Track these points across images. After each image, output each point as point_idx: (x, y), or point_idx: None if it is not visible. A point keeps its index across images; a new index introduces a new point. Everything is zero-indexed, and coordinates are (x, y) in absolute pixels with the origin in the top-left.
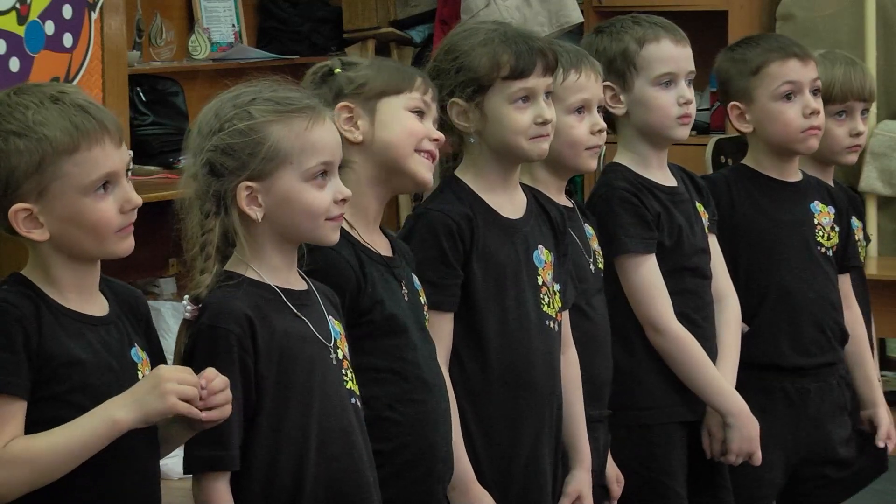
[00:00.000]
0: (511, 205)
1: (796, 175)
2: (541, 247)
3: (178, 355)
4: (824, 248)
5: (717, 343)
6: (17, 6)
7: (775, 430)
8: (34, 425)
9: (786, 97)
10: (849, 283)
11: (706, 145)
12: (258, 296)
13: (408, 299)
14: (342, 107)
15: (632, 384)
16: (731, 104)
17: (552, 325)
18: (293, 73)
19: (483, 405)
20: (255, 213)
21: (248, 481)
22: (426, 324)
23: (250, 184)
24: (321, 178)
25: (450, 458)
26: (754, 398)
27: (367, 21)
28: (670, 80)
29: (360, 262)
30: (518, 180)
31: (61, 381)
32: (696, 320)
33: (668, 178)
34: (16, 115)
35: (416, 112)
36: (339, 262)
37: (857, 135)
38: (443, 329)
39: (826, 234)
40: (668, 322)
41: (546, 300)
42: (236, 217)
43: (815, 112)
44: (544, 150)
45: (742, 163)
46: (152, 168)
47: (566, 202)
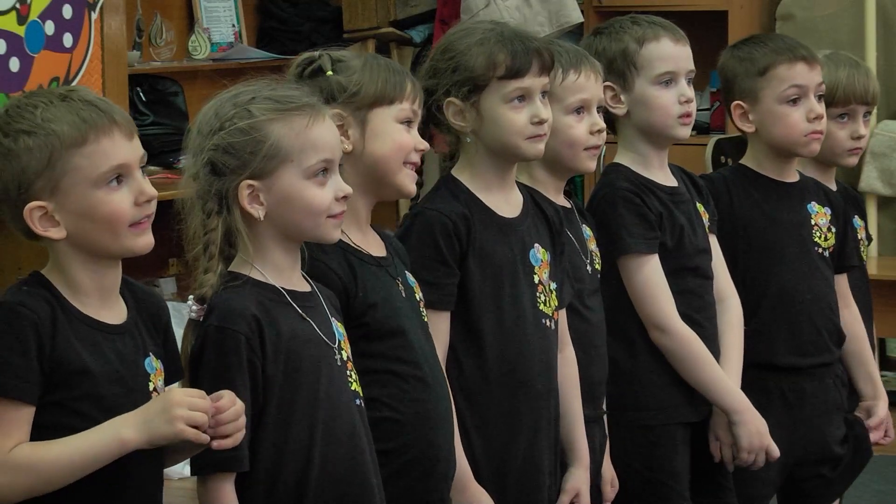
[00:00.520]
0: (508, 204)
1: (794, 176)
2: (537, 245)
3: (184, 356)
4: (821, 249)
5: (720, 344)
6: (17, 6)
7: (772, 430)
8: (39, 429)
9: (791, 101)
10: (846, 283)
11: (706, 145)
12: (264, 297)
13: (405, 296)
14: (334, 114)
15: (634, 385)
16: (735, 103)
17: (549, 323)
18: None
19: (480, 403)
20: (257, 211)
21: (251, 482)
22: (424, 319)
23: (252, 182)
24: (322, 175)
25: (452, 456)
26: (751, 397)
27: (367, 21)
28: (671, 78)
29: (351, 266)
30: (514, 179)
31: (70, 389)
32: (699, 320)
33: (669, 179)
34: (25, 115)
35: (405, 122)
36: (326, 273)
37: (859, 137)
38: (439, 328)
39: (823, 235)
40: (672, 321)
41: (542, 299)
42: (238, 216)
43: (818, 117)
44: (540, 149)
45: (741, 162)
46: (152, 168)
47: (564, 202)
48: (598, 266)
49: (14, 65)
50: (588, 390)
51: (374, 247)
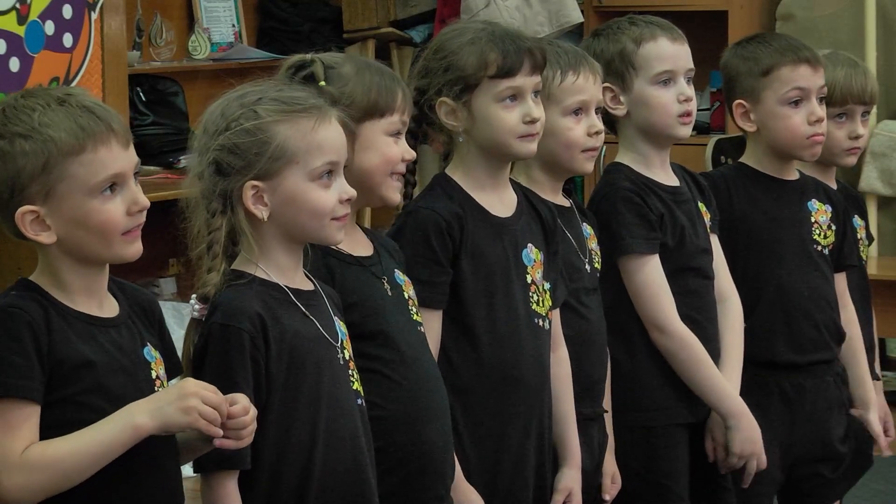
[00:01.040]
0: (501, 203)
1: (794, 174)
2: (530, 245)
3: (186, 355)
4: (820, 247)
5: (721, 344)
6: (17, 6)
7: (772, 427)
8: (49, 429)
9: (793, 103)
10: (844, 283)
11: (706, 145)
12: (268, 295)
13: (391, 294)
14: (339, 117)
15: (634, 385)
16: (736, 102)
17: (542, 323)
18: None
19: (472, 402)
20: (261, 212)
21: (254, 481)
22: (414, 317)
23: (256, 183)
24: (327, 177)
25: (448, 454)
26: (750, 395)
27: (367, 21)
28: (669, 78)
29: (329, 268)
30: (508, 178)
31: (74, 384)
32: (699, 321)
33: (671, 178)
34: (22, 117)
35: (394, 134)
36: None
37: (857, 137)
38: (432, 326)
39: (823, 233)
40: (671, 322)
41: (535, 298)
42: (242, 216)
43: (819, 120)
44: (532, 149)
45: (741, 161)
46: (152, 168)
47: (563, 202)
48: (597, 265)
49: (14, 65)
50: (586, 389)
51: (358, 247)
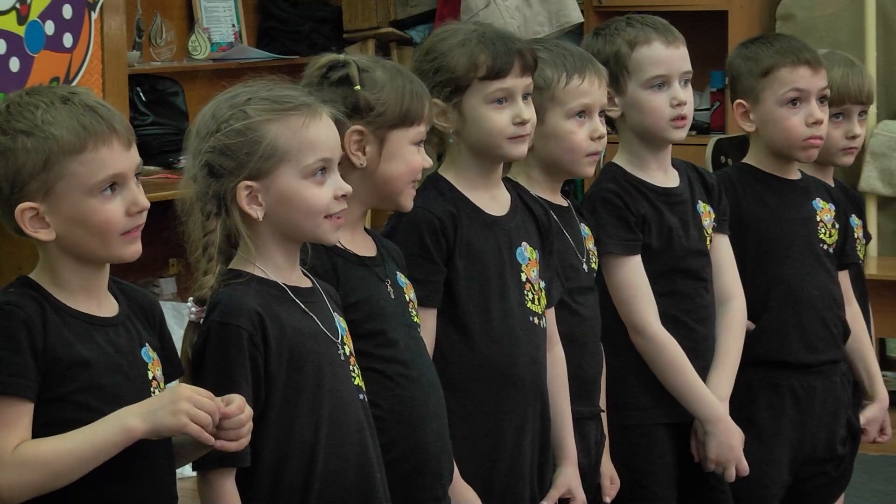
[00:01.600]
0: (494, 202)
1: (796, 174)
2: (524, 244)
3: (184, 356)
4: (826, 246)
5: (716, 346)
6: (17, 6)
7: (783, 428)
8: (44, 428)
9: (791, 103)
10: (848, 280)
11: (706, 145)
12: (267, 293)
13: (393, 296)
14: (356, 130)
15: (617, 384)
16: (737, 101)
17: (537, 321)
18: (293, 73)
19: (467, 401)
20: (256, 212)
21: (256, 480)
22: (415, 319)
23: (249, 183)
24: (320, 174)
25: (446, 455)
26: (763, 396)
27: (367, 21)
28: (662, 82)
29: (335, 266)
30: (500, 178)
31: (69, 383)
32: (688, 322)
33: (669, 179)
34: (25, 114)
35: (418, 143)
36: (308, 271)
37: (854, 137)
38: (427, 325)
39: (828, 232)
40: (649, 325)
41: (531, 297)
42: (238, 217)
43: (817, 122)
44: (523, 150)
45: (744, 161)
46: (152, 168)
47: (562, 201)
48: (594, 265)
49: (14, 65)
50: (581, 387)
51: (363, 247)
